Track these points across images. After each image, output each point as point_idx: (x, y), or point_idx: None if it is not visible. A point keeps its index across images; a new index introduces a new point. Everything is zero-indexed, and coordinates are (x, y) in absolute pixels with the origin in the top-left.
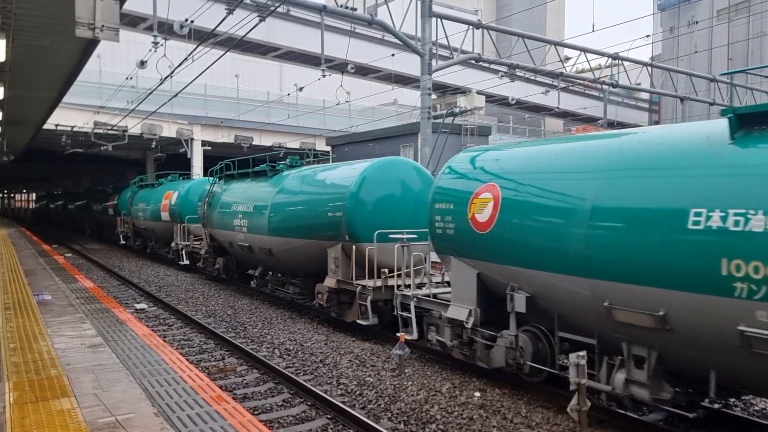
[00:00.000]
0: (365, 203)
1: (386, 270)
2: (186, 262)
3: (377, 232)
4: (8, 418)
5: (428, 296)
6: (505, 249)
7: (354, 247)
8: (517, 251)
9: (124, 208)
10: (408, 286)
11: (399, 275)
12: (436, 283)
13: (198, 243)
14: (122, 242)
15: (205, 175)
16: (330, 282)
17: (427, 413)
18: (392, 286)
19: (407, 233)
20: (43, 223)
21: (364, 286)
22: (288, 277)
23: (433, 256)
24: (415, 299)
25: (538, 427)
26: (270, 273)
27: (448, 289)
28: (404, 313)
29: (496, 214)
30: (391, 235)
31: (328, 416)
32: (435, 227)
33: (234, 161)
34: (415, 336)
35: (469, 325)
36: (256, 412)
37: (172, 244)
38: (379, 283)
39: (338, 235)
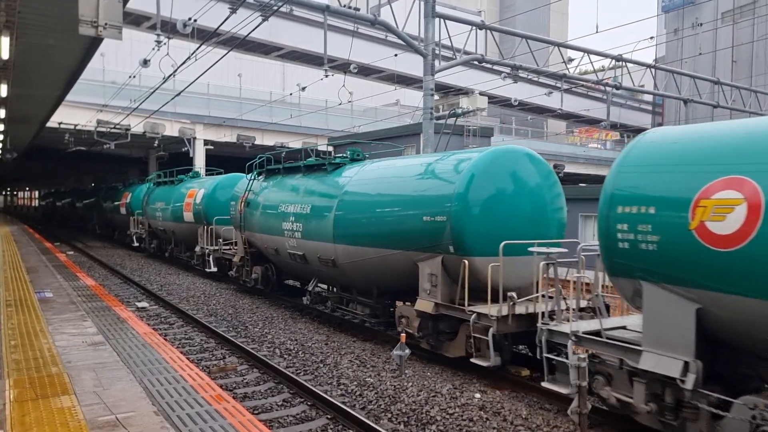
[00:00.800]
0: (477, 206)
1: (514, 294)
2: (214, 269)
3: (504, 243)
4: (8, 415)
5: (596, 334)
6: None
7: (465, 262)
8: None
9: (138, 207)
10: (551, 317)
11: (528, 300)
12: (580, 310)
13: (228, 248)
14: (136, 244)
15: (208, 173)
16: (425, 305)
17: (427, 414)
18: (521, 315)
19: (544, 245)
20: (50, 222)
21: (481, 314)
22: (355, 294)
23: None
24: (573, 337)
25: (539, 429)
26: (327, 287)
27: (624, 324)
28: (552, 356)
29: (756, 223)
30: (531, 248)
31: (328, 416)
32: (616, 239)
33: (274, 154)
34: (570, 390)
35: (689, 386)
36: (256, 412)
37: (197, 249)
38: (505, 310)
39: (438, 245)
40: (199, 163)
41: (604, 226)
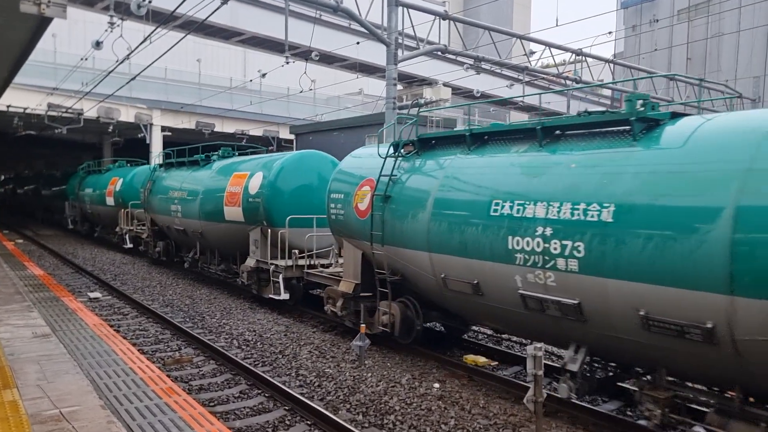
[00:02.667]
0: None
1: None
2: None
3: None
4: None
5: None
6: None
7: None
8: None
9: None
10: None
11: None
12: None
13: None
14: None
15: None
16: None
17: (386, 404)
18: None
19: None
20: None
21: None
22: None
23: None
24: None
25: (495, 418)
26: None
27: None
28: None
29: None
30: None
31: (286, 407)
32: None
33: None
34: None
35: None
36: (211, 404)
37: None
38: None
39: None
40: (156, 149)
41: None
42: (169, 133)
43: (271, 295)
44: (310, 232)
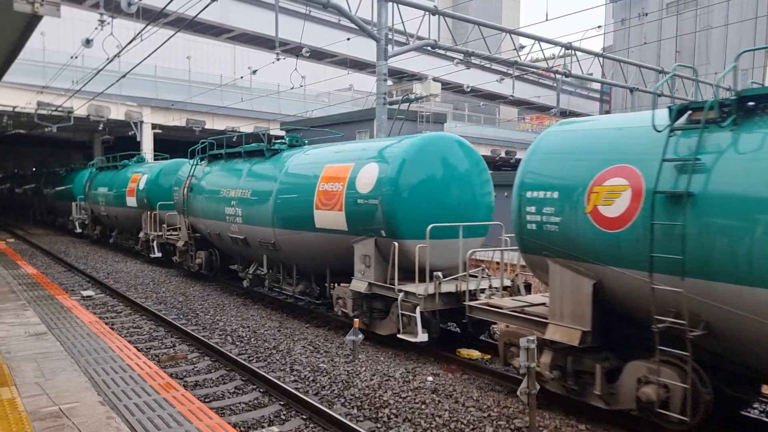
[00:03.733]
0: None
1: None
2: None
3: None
4: None
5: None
6: None
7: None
8: None
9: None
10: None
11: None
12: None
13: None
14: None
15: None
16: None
17: (381, 398)
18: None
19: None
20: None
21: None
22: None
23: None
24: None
25: (489, 410)
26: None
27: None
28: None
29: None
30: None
31: (281, 402)
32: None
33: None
34: None
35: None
36: (207, 400)
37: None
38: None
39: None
40: (147, 147)
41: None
42: (160, 131)
43: (401, 336)
44: (451, 245)
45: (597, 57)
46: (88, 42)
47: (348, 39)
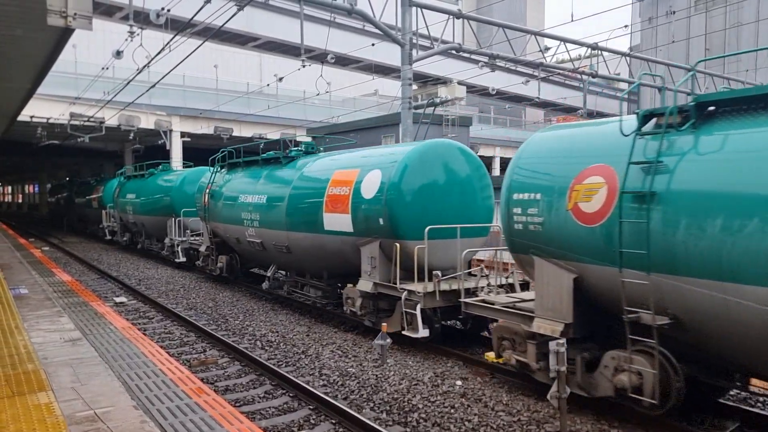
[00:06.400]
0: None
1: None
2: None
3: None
4: None
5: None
6: None
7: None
8: None
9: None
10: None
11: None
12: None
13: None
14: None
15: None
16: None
17: (410, 402)
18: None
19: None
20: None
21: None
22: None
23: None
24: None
25: (519, 415)
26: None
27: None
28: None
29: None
30: None
31: (311, 407)
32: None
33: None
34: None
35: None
36: (238, 404)
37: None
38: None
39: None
40: (176, 155)
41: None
42: (188, 139)
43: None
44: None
45: (624, 56)
46: (118, 53)
47: (373, 44)
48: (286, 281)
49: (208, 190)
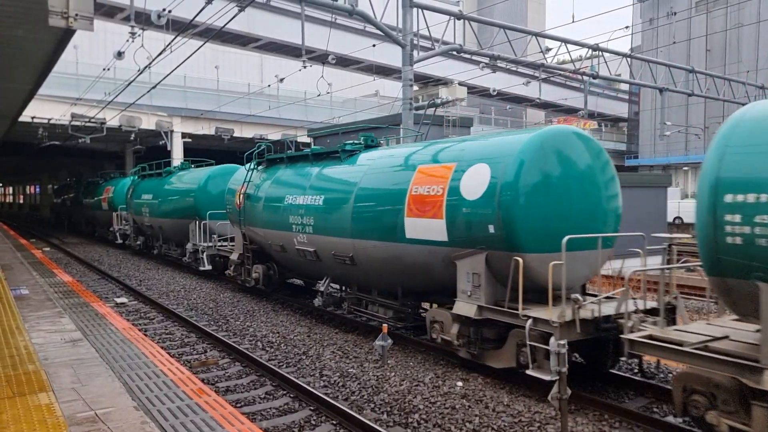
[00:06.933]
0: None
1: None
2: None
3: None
4: None
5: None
6: None
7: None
8: None
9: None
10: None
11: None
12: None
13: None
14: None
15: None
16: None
17: (410, 403)
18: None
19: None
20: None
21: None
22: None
23: None
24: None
25: (520, 416)
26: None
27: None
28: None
29: None
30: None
31: (311, 408)
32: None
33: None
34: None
35: None
36: (238, 405)
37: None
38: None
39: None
40: (177, 156)
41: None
42: (189, 140)
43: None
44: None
45: (625, 57)
46: (119, 54)
47: (374, 45)
48: (347, 298)
49: (242, 191)
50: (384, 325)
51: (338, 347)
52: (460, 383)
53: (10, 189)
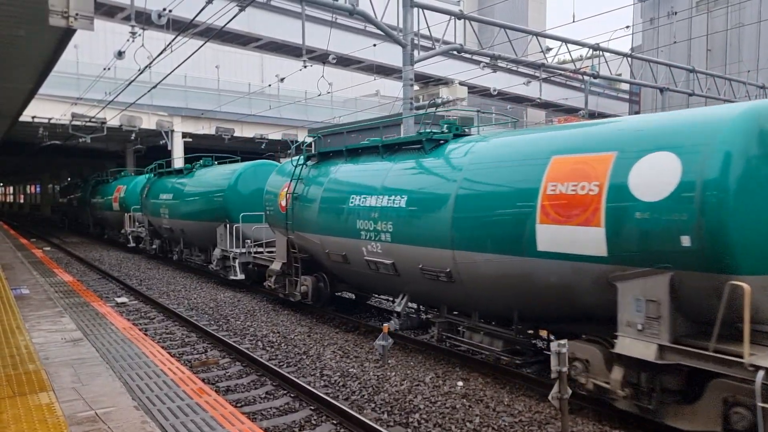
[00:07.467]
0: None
1: None
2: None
3: None
4: None
5: None
6: None
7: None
8: None
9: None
10: None
11: None
12: None
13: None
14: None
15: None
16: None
17: (411, 403)
18: None
19: None
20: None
21: None
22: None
23: None
24: None
25: (520, 415)
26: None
27: None
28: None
29: None
30: None
31: (312, 407)
32: None
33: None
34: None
35: None
36: (239, 405)
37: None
38: None
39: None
40: (178, 155)
41: None
42: (190, 140)
43: None
44: None
45: (625, 57)
46: (120, 54)
47: (374, 45)
48: (437, 322)
49: (289, 190)
50: (385, 325)
51: (339, 347)
52: (460, 383)
53: (11, 189)
